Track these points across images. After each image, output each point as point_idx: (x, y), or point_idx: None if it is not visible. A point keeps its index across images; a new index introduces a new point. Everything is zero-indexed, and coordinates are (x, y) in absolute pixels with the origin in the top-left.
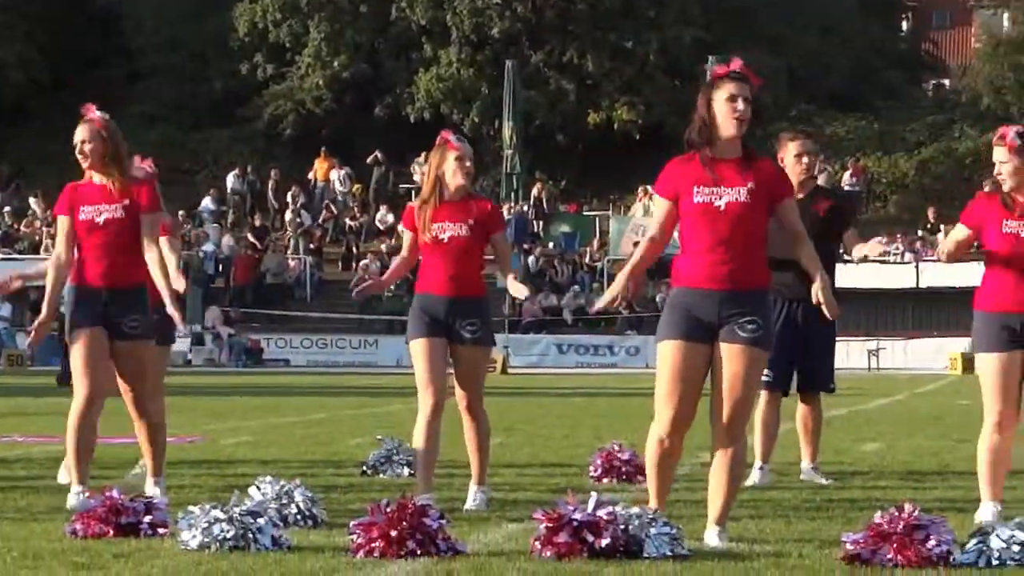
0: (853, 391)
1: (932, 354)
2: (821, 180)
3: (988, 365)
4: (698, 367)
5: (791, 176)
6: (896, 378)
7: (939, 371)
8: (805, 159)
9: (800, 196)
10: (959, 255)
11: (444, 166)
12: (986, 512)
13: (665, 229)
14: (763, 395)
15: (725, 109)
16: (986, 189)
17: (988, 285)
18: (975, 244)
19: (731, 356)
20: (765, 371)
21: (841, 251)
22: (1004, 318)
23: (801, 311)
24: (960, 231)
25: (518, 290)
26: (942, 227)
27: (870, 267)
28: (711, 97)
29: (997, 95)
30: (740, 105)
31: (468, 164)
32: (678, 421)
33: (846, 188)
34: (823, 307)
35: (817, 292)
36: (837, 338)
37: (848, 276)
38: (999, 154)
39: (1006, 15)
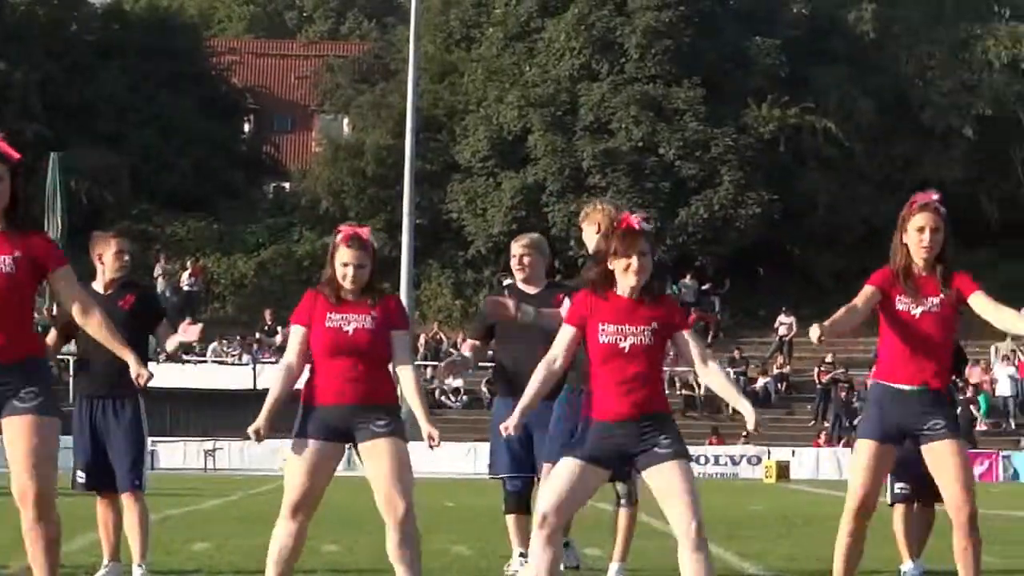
0: (189, 491)
1: (269, 456)
2: (160, 281)
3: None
4: None
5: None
6: (232, 478)
7: (276, 472)
8: (126, 256)
9: (109, 292)
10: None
11: None
12: None
13: None
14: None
15: None
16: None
17: (312, 380)
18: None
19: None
20: (80, 472)
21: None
22: (326, 411)
23: (101, 409)
24: (295, 331)
25: None
26: (279, 328)
27: (208, 367)
28: None
29: (336, 199)
30: None
31: None
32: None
33: (185, 288)
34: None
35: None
36: (172, 439)
37: (185, 376)
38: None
39: (346, 120)
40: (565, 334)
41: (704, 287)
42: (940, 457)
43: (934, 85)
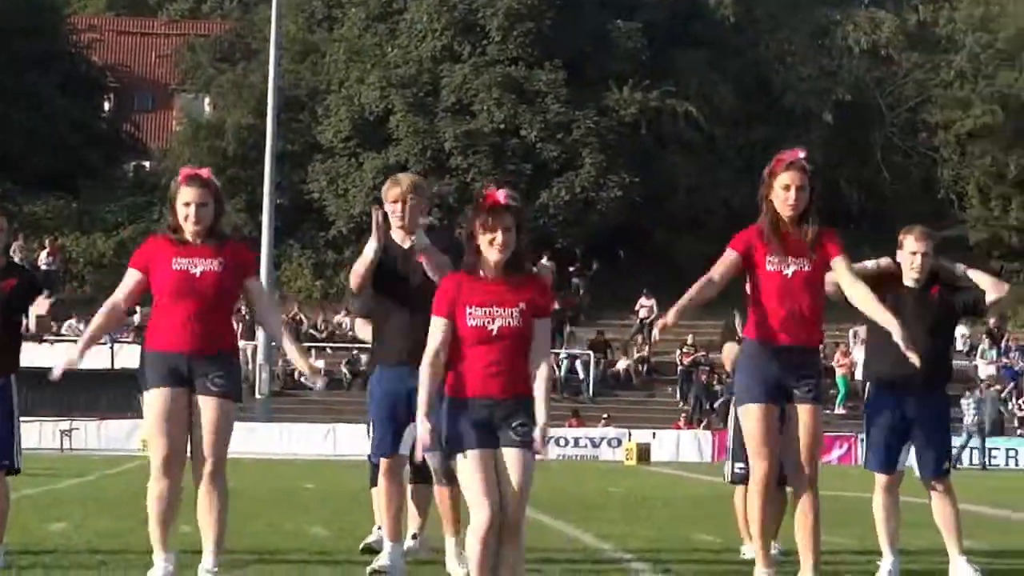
0: (45, 471)
1: (126, 435)
2: (17, 258)
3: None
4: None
5: None
6: (89, 458)
7: (133, 452)
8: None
9: None
10: None
11: None
12: None
13: None
14: None
15: None
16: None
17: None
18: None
19: None
20: None
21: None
22: (168, 357)
23: None
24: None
25: None
26: (138, 308)
27: (66, 347)
28: None
29: None
30: None
31: None
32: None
33: (43, 268)
34: None
35: None
36: (28, 418)
37: (42, 355)
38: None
39: (207, 100)
40: (438, 326)
41: (571, 268)
42: (799, 420)
43: (794, 70)
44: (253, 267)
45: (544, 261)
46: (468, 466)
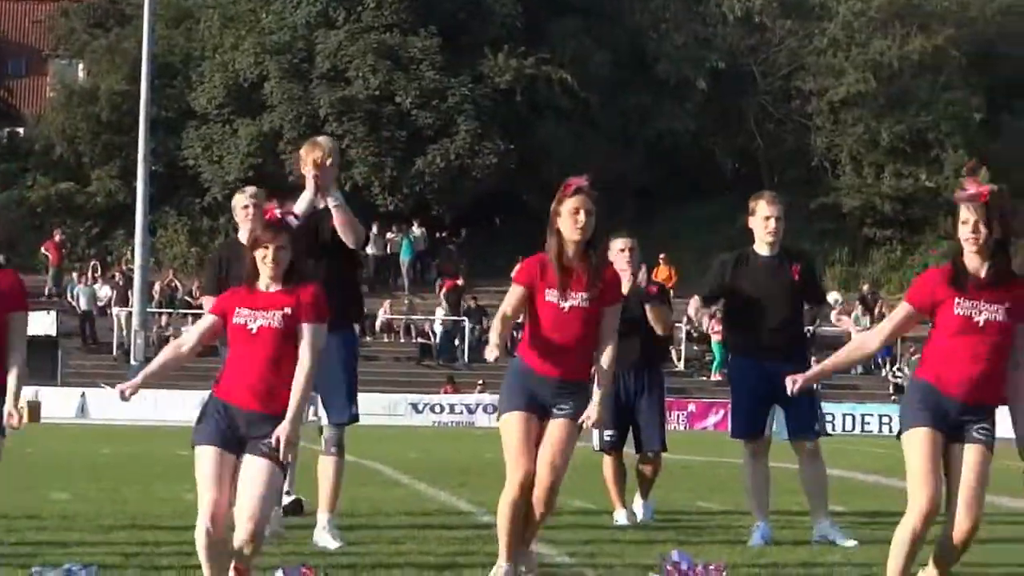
0: None
1: None
2: None
3: None
4: None
5: None
6: None
7: None
8: None
9: None
10: None
11: None
12: None
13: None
14: None
15: None
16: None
17: None
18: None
19: None
20: None
21: None
22: None
23: None
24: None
25: None
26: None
27: None
28: None
29: (70, 144)
30: None
31: None
32: None
33: None
34: None
35: None
36: None
37: None
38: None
39: (81, 66)
40: (206, 322)
41: (440, 235)
42: (548, 433)
43: (668, 38)
44: (19, 301)
45: (414, 229)
46: (202, 462)
